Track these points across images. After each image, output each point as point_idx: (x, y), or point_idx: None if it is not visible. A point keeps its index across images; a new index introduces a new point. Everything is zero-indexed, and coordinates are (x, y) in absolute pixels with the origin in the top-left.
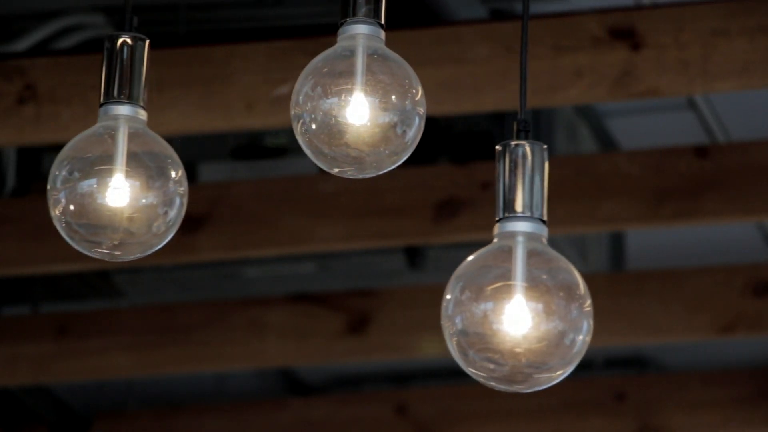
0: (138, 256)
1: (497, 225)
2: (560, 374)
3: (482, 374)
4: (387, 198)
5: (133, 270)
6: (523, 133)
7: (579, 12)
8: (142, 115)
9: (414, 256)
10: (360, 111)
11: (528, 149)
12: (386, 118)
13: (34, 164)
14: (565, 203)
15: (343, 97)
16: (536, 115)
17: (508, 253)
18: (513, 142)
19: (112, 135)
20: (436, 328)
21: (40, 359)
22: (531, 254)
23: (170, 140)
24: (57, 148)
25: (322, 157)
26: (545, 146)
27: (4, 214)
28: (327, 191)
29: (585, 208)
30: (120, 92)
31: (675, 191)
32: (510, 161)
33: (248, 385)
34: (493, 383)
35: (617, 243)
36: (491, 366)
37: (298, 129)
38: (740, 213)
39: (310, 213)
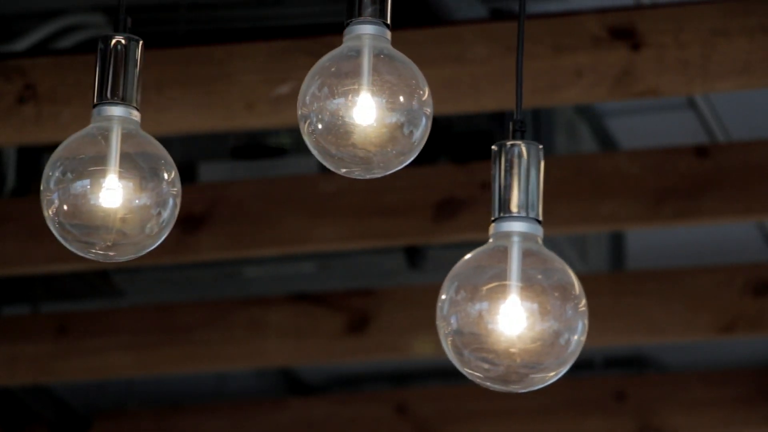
0: (132, 256)
1: (493, 225)
2: (555, 374)
3: (477, 374)
4: (387, 198)
5: (133, 270)
6: (519, 133)
7: (579, 12)
8: (136, 116)
9: (414, 256)
10: (367, 111)
11: (524, 149)
12: (393, 118)
13: (34, 164)
14: (565, 203)
15: (349, 98)
16: (536, 115)
17: (503, 253)
18: (509, 142)
19: (105, 136)
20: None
21: (40, 359)
22: (526, 254)
23: (170, 140)
24: (57, 147)
25: (329, 157)
26: (541, 146)
27: (4, 214)
28: (327, 191)
29: (585, 208)
30: (113, 93)
31: (675, 191)
32: (506, 161)
33: (248, 385)
34: (488, 383)
35: (617, 243)
36: (486, 366)
37: (304, 129)
38: (740, 213)
39: (311, 213)
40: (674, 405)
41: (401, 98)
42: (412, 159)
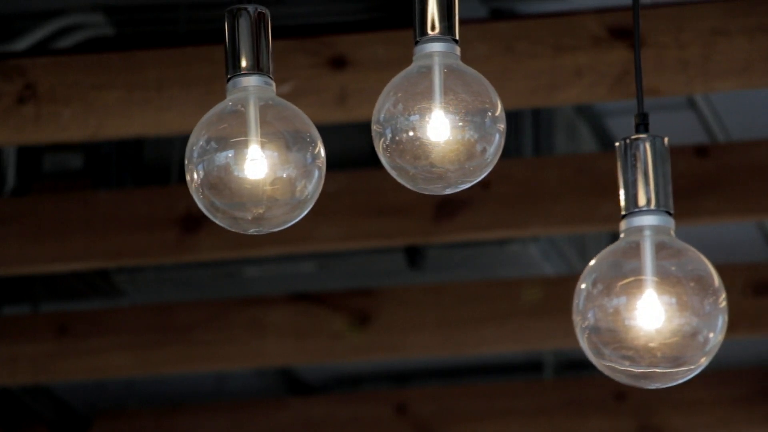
0: (279, 227)
1: (623, 221)
2: (698, 367)
3: (619, 370)
4: (387, 198)
5: (133, 269)
6: (642, 127)
7: (579, 11)
8: (272, 84)
9: (414, 256)
10: (440, 129)
11: (648, 143)
12: (466, 135)
13: (34, 164)
14: (565, 203)
15: (423, 116)
16: (536, 115)
17: (636, 248)
18: (632, 137)
19: (243, 106)
20: (436, 327)
21: (40, 359)
22: (659, 247)
23: (170, 140)
24: (57, 147)
25: (404, 174)
26: (666, 139)
27: (4, 214)
28: (327, 191)
29: (585, 207)
30: (247, 63)
31: (675, 191)
32: (631, 156)
33: (248, 384)
34: (630, 380)
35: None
36: (627, 363)
37: (380, 147)
38: (740, 213)
39: (310, 213)
40: (674, 405)
41: (474, 115)
42: (485, 175)
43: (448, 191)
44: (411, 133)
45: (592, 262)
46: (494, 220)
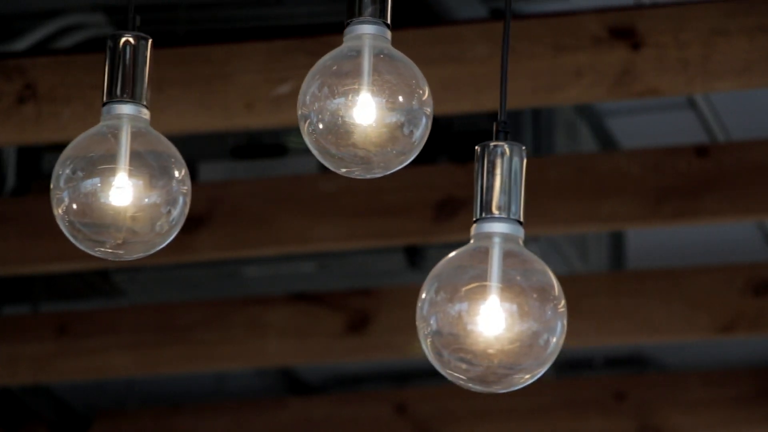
0: (141, 255)
1: (474, 225)
2: (533, 375)
3: (458, 375)
4: (387, 198)
5: (133, 269)
6: (503, 134)
7: (579, 11)
8: (145, 114)
9: (414, 255)
10: (367, 111)
11: (506, 149)
12: (393, 118)
13: (34, 164)
14: (565, 202)
15: (350, 97)
16: (536, 115)
17: (484, 253)
18: (491, 143)
19: (115, 134)
20: None
21: (40, 359)
22: (507, 255)
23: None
24: (57, 147)
25: (329, 157)
26: (524, 147)
27: (4, 213)
28: (327, 191)
29: (585, 207)
30: (123, 91)
31: (675, 191)
32: (488, 162)
33: (248, 384)
34: (469, 384)
35: (617, 242)
36: (465, 366)
37: (305, 129)
38: (740, 213)
39: (310, 213)
40: (674, 405)
41: (401, 98)
42: (412, 158)
43: (374, 175)
44: (336, 115)
45: (437, 267)
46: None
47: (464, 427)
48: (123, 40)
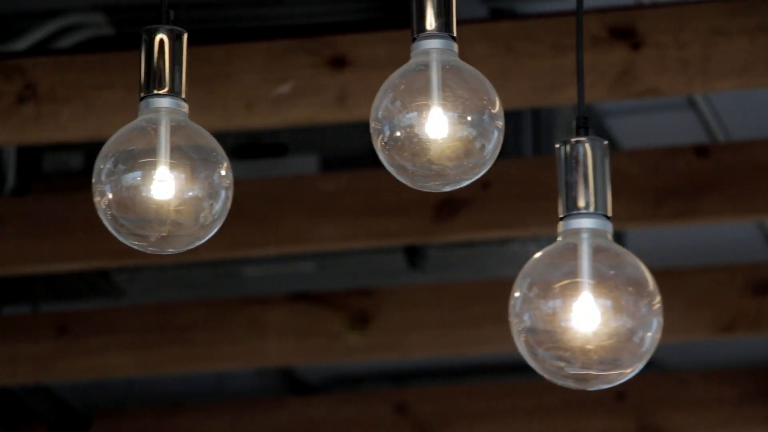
0: (184, 249)
1: (561, 223)
2: (632, 371)
3: (554, 372)
4: (387, 198)
5: (133, 269)
6: (583, 130)
7: None
8: (184, 107)
9: (414, 255)
10: (439, 126)
11: (587, 145)
12: (464, 132)
13: (34, 164)
14: None
15: (421, 113)
16: (536, 115)
17: (573, 250)
18: (573, 139)
19: (154, 128)
20: (436, 327)
21: (40, 359)
22: (597, 250)
23: None
24: (57, 147)
25: (403, 171)
26: (606, 142)
27: (4, 213)
28: (327, 191)
29: None
30: (161, 85)
31: (675, 191)
32: (571, 158)
33: (248, 384)
34: (566, 382)
35: (617, 242)
36: (562, 364)
37: (378, 144)
38: (740, 213)
39: (311, 212)
40: (674, 405)
41: (472, 112)
42: (484, 172)
43: (447, 188)
44: (409, 131)
45: (528, 265)
46: (494, 220)
47: (464, 427)
48: (159, 34)
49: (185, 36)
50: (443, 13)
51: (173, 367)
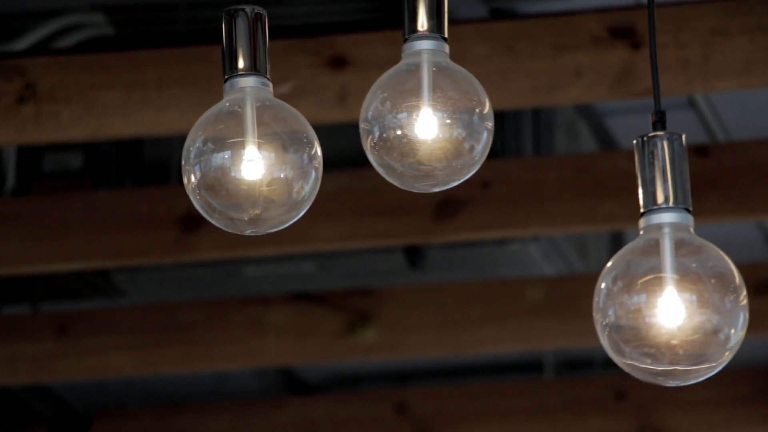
0: (273, 229)
1: (642, 218)
2: (719, 364)
3: (642, 368)
4: (387, 198)
5: (133, 269)
6: (660, 125)
7: (579, 11)
8: (269, 86)
9: (414, 255)
10: (428, 126)
11: (666, 140)
12: (454, 133)
13: (34, 163)
14: (565, 202)
15: (411, 114)
16: (536, 115)
17: (655, 245)
18: (650, 134)
19: (240, 107)
20: (436, 327)
21: (40, 359)
22: (679, 245)
23: (170, 140)
24: (57, 147)
25: (392, 172)
26: (683, 135)
27: (4, 213)
28: (327, 191)
29: (585, 207)
30: (244, 64)
31: None
32: (649, 153)
33: (248, 384)
34: (654, 378)
35: (617, 242)
36: (648, 360)
37: (367, 144)
38: (741, 212)
39: (311, 212)
40: (674, 405)
41: (462, 113)
42: (473, 173)
43: (436, 189)
44: (399, 131)
45: (611, 261)
46: (494, 220)
47: (464, 427)
48: (240, 14)
49: (265, 16)
50: (435, 15)
51: (173, 367)
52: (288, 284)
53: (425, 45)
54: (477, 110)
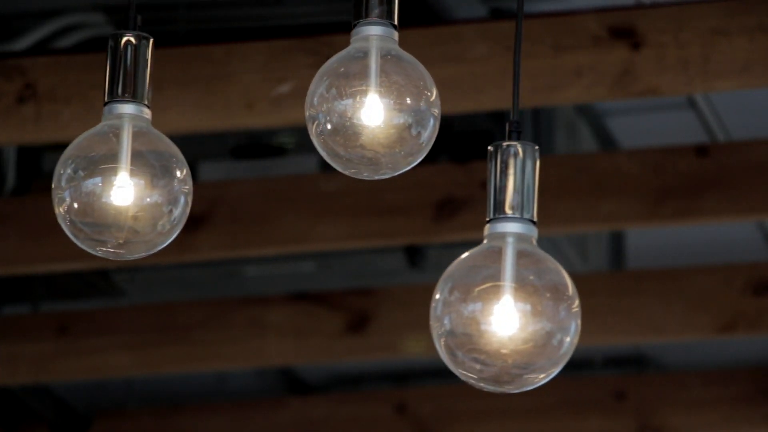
0: (142, 254)
1: (487, 226)
2: (547, 375)
3: (471, 375)
4: (387, 197)
5: (133, 269)
6: (515, 134)
7: (579, 11)
8: (147, 113)
9: (414, 255)
10: (375, 112)
11: (519, 149)
12: (401, 119)
13: (34, 163)
14: (565, 202)
15: (357, 99)
16: (536, 115)
17: (497, 253)
18: (504, 143)
19: (116, 134)
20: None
21: (40, 358)
22: (520, 255)
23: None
24: (57, 147)
25: (337, 158)
26: (536, 147)
27: (4, 213)
28: (327, 190)
29: (585, 207)
30: (124, 91)
31: (675, 190)
32: (501, 162)
33: (248, 384)
34: (481, 384)
35: (617, 242)
36: (478, 367)
37: (312, 130)
38: (740, 212)
39: (311, 212)
40: (674, 405)
41: (409, 99)
42: (420, 159)
43: (379, 176)
44: (344, 117)
45: (450, 268)
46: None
47: (464, 427)
48: (124, 39)
49: (151, 41)
50: (385, 1)
51: (173, 367)
52: (288, 284)
53: (374, 30)
54: (424, 97)
